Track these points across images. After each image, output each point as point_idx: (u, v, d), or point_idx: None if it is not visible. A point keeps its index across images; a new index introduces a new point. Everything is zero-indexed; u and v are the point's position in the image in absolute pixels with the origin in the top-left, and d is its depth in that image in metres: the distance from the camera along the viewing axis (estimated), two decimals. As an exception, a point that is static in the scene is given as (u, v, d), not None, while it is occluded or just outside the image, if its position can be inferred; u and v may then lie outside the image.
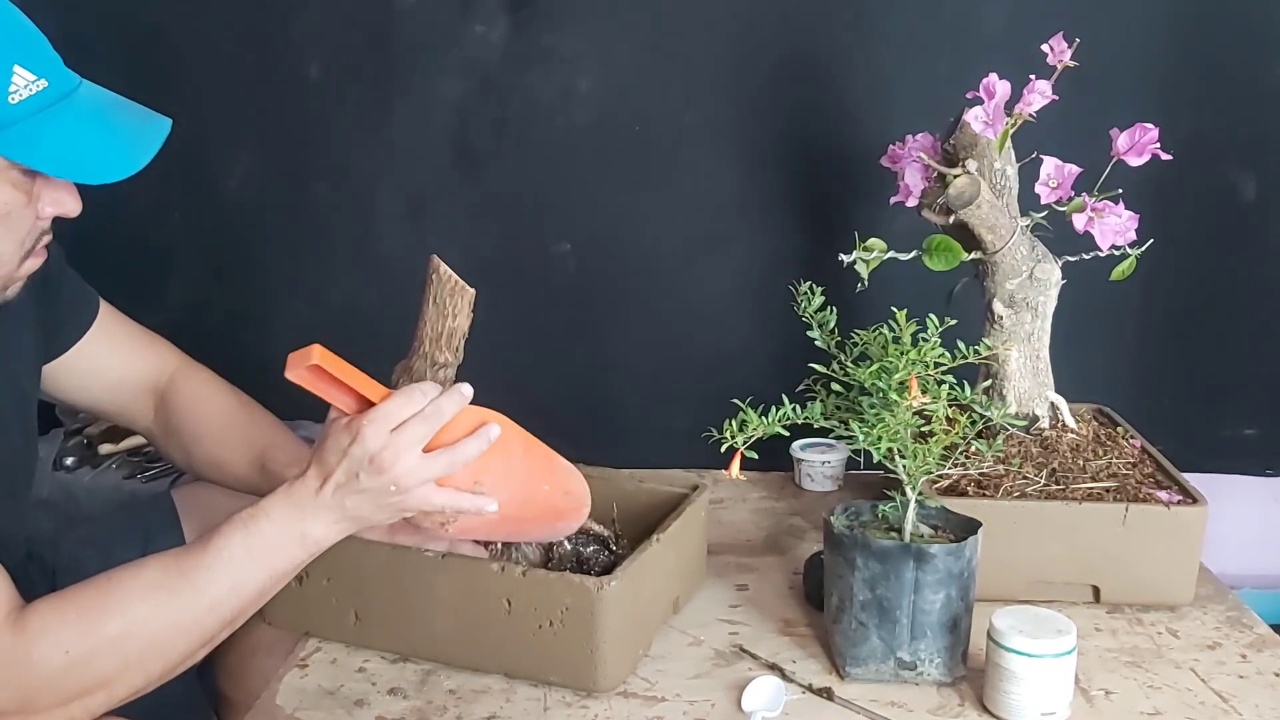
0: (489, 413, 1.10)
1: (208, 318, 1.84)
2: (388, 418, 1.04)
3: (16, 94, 0.97)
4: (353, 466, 1.04)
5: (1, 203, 1.00)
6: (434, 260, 1.14)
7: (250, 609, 1.07)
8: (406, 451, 1.04)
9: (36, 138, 0.98)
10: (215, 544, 1.03)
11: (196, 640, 1.04)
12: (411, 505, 1.07)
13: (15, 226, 1.03)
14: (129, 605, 1.01)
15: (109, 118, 1.05)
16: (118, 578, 1.03)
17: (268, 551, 1.04)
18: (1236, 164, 1.69)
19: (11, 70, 0.97)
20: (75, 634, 0.99)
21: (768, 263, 1.75)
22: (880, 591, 1.12)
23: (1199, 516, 1.26)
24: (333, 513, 1.06)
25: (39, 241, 1.07)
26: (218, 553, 1.03)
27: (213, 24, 1.73)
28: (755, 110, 1.71)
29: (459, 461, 1.06)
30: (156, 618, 1.01)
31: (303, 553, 1.07)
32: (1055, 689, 1.07)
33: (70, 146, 1.00)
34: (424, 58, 1.72)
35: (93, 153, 1.02)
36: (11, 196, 1.01)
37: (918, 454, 1.13)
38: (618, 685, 1.15)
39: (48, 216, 1.06)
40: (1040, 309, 1.38)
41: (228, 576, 1.03)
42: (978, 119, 1.27)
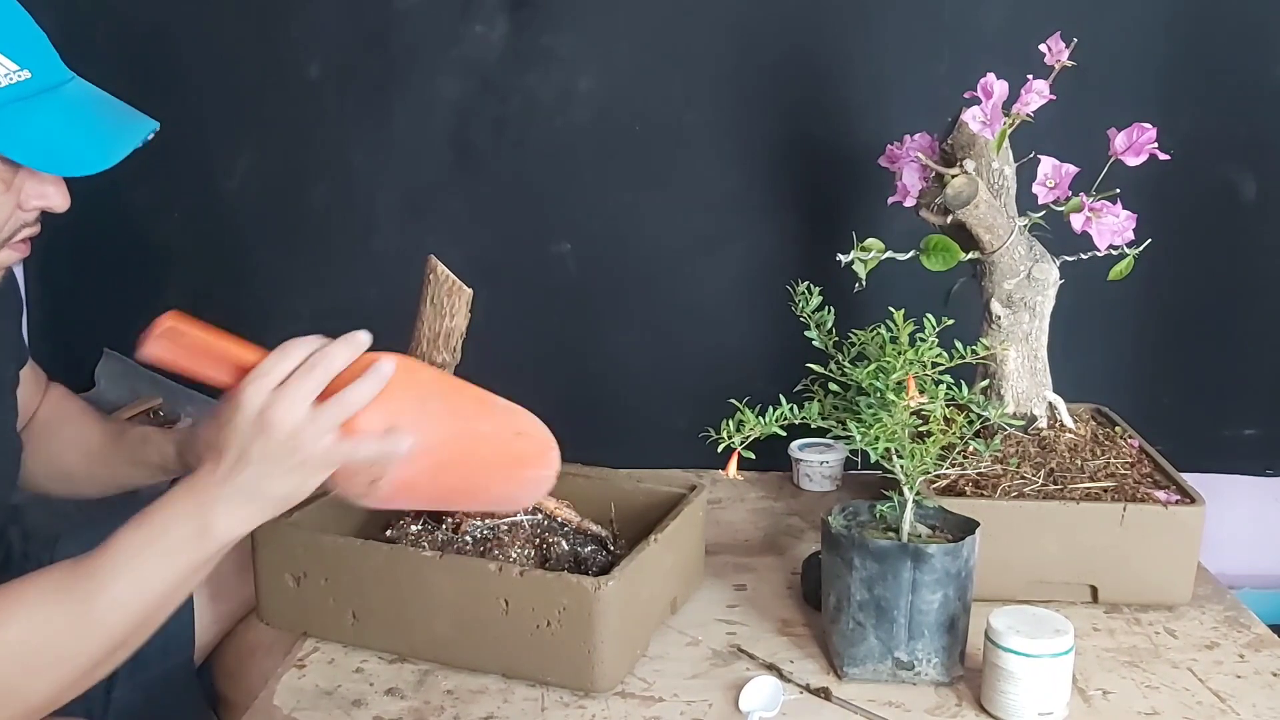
0: (385, 355, 1.01)
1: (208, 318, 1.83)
2: (266, 374, 0.97)
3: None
4: (241, 439, 0.97)
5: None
6: (432, 260, 1.14)
7: (160, 610, 1.01)
8: (295, 406, 0.96)
9: (12, 126, 0.97)
10: (116, 543, 0.98)
11: (103, 643, 0.98)
12: (316, 463, 0.98)
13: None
14: (28, 609, 0.96)
15: (91, 113, 1.04)
16: (19, 584, 0.98)
17: (168, 548, 0.98)
18: (1235, 164, 1.69)
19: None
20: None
21: (766, 262, 1.75)
22: (878, 591, 1.12)
23: (1197, 516, 1.26)
24: (235, 498, 0.98)
25: (18, 233, 1.06)
26: (117, 552, 0.98)
27: (213, 24, 1.74)
28: (754, 110, 1.71)
29: (352, 403, 0.97)
30: (55, 620, 0.96)
31: (209, 548, 1.00)
32: (1053, 689, 1.07)
33: (46, 137, 0.99)
34: (424, 58, 1.72)
35: (69, 145, 1.00)
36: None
37: (915, 454, 1.13)
38: (615, 685, 1.15)
39: (31, 209, 1.05)
40: (1038, 309, 1.38)
41: (129, 576, 0.97)
42: (975, 119, 1.27)
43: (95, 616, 0.97)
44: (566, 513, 1.26)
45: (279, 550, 1.24)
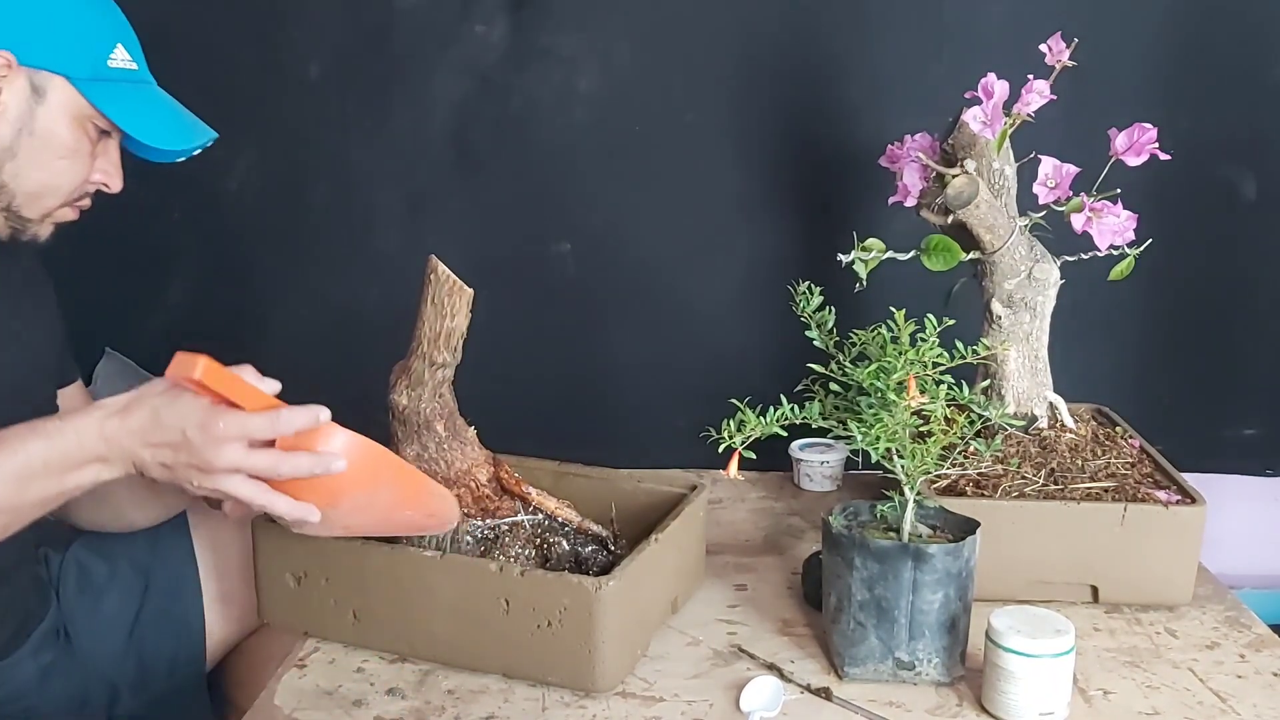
0: (371, 447, 1.05)
1: (208, 318, 1.84)
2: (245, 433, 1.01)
3: (114, 61, 1.19)
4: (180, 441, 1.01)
5: (74, 139, 1.19)
6: (432, 260, 1.14)
7: (12, 526, 1.04)
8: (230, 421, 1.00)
9: (118, 97, 1.19)
10: (12, 442, 1.02)
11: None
12: (208, 485, 1.02)
13: (75, 168, 1.20)
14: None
15: (176, 109, 1.26)
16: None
17: (60, 465, 1.02)
18: (1236, 164, 1.69)
19: (115, 44, 1.20)
20: None
21: (766, 262, 1.75)
22: (878, 591, 1.12)
23: (1197, 516, 1.26)
24: (126, 459, 1.03)
25: (80, 199, 1.24)
26: (14, 451, 1.01)
27: (213, 24, 1.74)
28: (755, 110, 1.72)
29: (283, 467, 1.01)
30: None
31: (83, 480, 1.03)
32: (1053, 689, 1.07)
33: (144, 116, 1.20)
34: (424, 58, 1.72)
35: (159, 127, 1.21)
36: (81, 142, 1.19)
37: (916, 454, 1.13)
38: (616, 685, 1.15)
39: (96, 181, 1.23)
40: (1039, 309, 1.38)
41: (11, 475, 1.01)
42: (976, 119, 1.27)
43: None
44: (567, 513, 1.26)
45: (280, 550, 1.24)
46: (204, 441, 1.00)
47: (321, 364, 1.61)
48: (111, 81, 1.19)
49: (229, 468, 1.01)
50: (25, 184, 1.19)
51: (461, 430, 1.24)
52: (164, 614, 1.42)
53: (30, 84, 1.16)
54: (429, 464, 1.22)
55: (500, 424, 1.31)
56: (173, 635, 1.42)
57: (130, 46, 1.21)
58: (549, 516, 1.26)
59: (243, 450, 1.01)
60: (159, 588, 1.43)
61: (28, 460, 1.01)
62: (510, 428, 1.33)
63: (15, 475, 1.01)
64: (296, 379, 1.09)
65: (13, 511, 1.03)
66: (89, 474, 1.03)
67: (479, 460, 1.25)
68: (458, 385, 1.22)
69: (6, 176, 1.18)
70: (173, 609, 1.43)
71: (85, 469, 1.03)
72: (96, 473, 1.03)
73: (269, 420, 1.01)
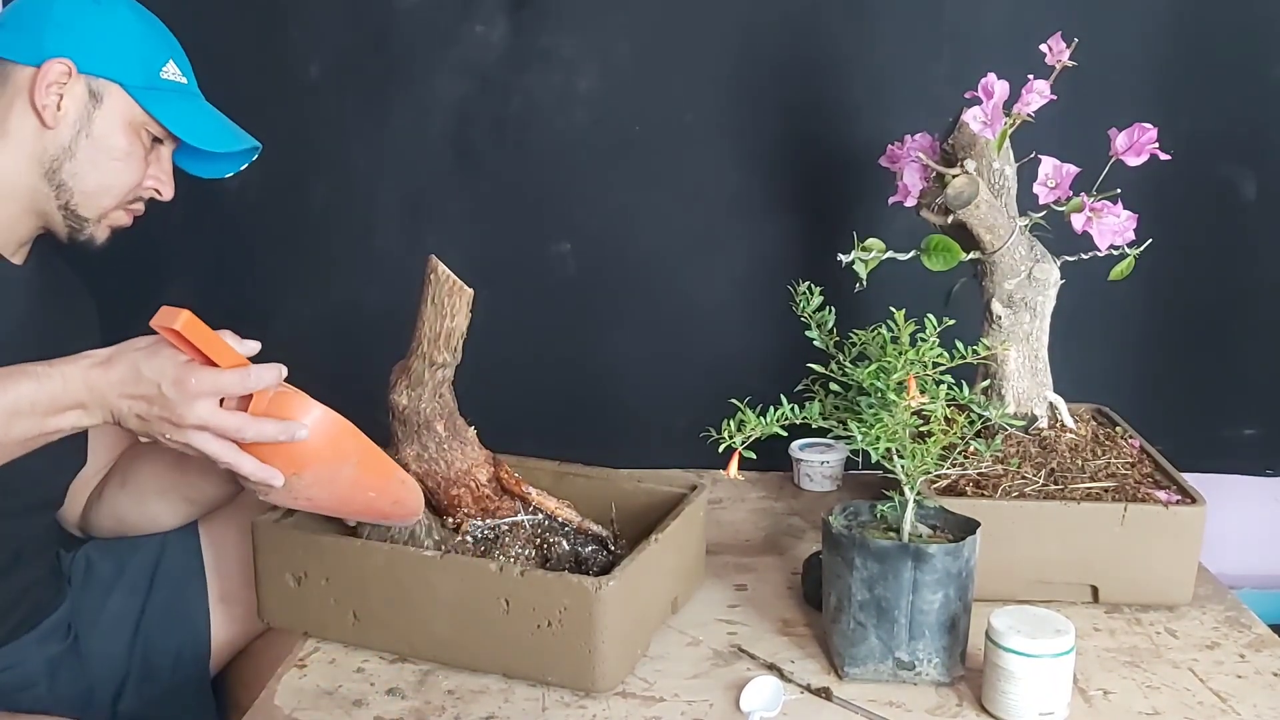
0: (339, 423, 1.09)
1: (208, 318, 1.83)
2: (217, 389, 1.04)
3: (167, 74, 1.29)
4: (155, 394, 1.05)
5: (126, 144, 1.27)
6: (432, 260, 1.14)
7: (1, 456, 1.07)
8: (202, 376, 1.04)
9: (170, 105, 1.28)
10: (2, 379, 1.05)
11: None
12: (179, 439, 1.06)
13: (129, 171, 1.28)
14: None
15: (222, 120, 1.35)
16: None
17: (45, 407, 1.05)
18: (1236, 164, 1.69)
19: (168, 58, 1.30)
20: None
21: (766, 263, 1.75)
22: (879, 591, 1.12)
23: (1198, 516, 1.26)
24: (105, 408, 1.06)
25: (134, 202, 1.32)
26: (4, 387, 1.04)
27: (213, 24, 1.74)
28: (755, 110, 1.72)
29: (248, 430, 1.05)
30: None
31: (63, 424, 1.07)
32: (1053, 689, 1.07)
33: (190, 119, 1.30)
34: (424, 58, 1.72)
35: (205, 128, 1.31)
36: (135, 146, 1.28)
37: (916, 454, 1.13)
38: (616, 685, 1.15)
39: (149, 187, 1.32)
40: (1039, 309, 1.38)
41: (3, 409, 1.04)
42: (976, 119, 1.27)
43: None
44: (567, 513, 1.26)
45: (280, 550, 1.24)
46: (177, 396, 1.04)
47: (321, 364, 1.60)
48: (163, 91, 1.28)
49: (198, 423, 1.05)
50: (83, 183, 1.26)
51: (461, 430, 1.24)
52: (169, 610, 1.43)
53: (89, 90, 1.25)
54: (429, 464, 1.22)
55: (500, 424, 1.31)
56: (177, 631, 1.43)
57: (180, 63, 1.31)
58: (549, 516, 1.26)
59: (213, 408, 1.05)
60: (165, 584, 1.44)
61: (17, 398, 1.04)
62: (510, 428, 1.33)
63: (4, 411, 1.04)
64: (297, 379, 1.10)
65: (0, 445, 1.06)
66: (69, 419, 1.07)
67: (479, 460, 1.25)
68: (458, 385, 1.22)
69: (65, 176, 1.26)
70: (177, 605, 1.44)
71: (66, 414, 1.06)
72: (76, 418, 1.07)
73: (239, 376, 1.05)
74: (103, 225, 1.31)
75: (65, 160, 1.25)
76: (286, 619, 1.26)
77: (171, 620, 1.43)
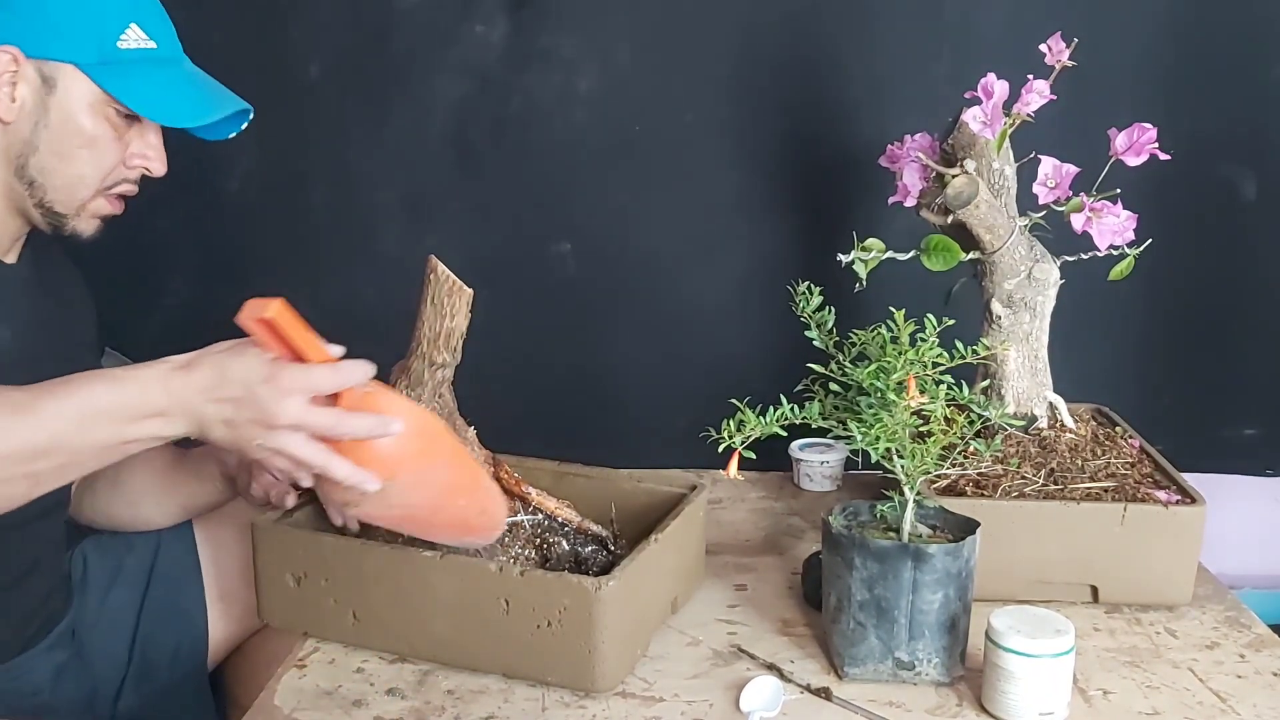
0: (432, 421, 1.07)
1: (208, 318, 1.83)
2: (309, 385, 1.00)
3: (125, 42, 1.17)
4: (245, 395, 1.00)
5: (90, 128, 1.17)
6: (432, 260, 1.14)
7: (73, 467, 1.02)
8: (292, 374, 1.00)
9: (132, 79, 1.17)
10: (78, 382, 1.00)
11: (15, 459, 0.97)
12: (271, 445, 1.00)
13: (100, 157, 1.19)
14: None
15: (199, 85, 1.23)
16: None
17: (122, 413, 0.99)
18: (1236, 164, 1.69)
19: (128, 24, 1.17)
20: None
21: (766, 263, 1.75)
22: (878, 591, 1.12)
23: (1197, 516, 1.26)
24: (189, 416, 1.01)
25: (118, 186, 1.23)
26: (78, 390, 0.99)
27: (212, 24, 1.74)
28: (755, 110, 1.72)
29: (343, 425, 1.00)
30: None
31: (143, 433, 1.01)
32: (1053, 689, 1.07)
33: (160, 96, 1.18)
34: (424, 58, 1.72)
35: (177, 104, 1.19)
36: (101, 129, 1.18)
37: (916, 454, 1.13)
38: (616, 685, 1.15)
39: (135, 166, 1.23)
40: (1038, 309, 1.38)
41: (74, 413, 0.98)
42: (976, 119, 1.27)
43: (27, 436, 0.97)
44: (567, 513, 1.26)
45: (279, 550, 1.24)
46: (269, 395, 0.98)
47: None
48: (123, 64, 1.17)
49: (292, 423, 0.99)
50: (53, 178, 1.19)
51: (461, 430, 1.24)
52: (166, 606, 1.43)
53: (40, 75, 1.15)
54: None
55: (500, 424, 1.31)
56: (175, 628, 1.43)
57: (148, 23, 1.19)
58: (549, 516, 1.26)
59: (305, 405, 0.99)
60: (162, 582, 1.44)
61: (91, 401, 0.98)
62: (510, 428, 1.33)
63: (78, 414, 0.98)
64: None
65: (72, 451, 0.99)
66: (150, 428, 1.00)
67: (479, 460, 1.25)
68: (458, 385, 1.22)
69: (34, 172, 1.18)
70: (175, 602, 1.43)
71: (146, 422, 1.00)
72: (158, 427, 1.00)
73: (332, 371, 1.00)
74: (85, 218, 1.23)
75: (30, 155, 1.17)
76: (286, 619, 1.26)
77: (169, 618, 1.43)
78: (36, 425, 0.97)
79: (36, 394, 0.98)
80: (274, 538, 1.24)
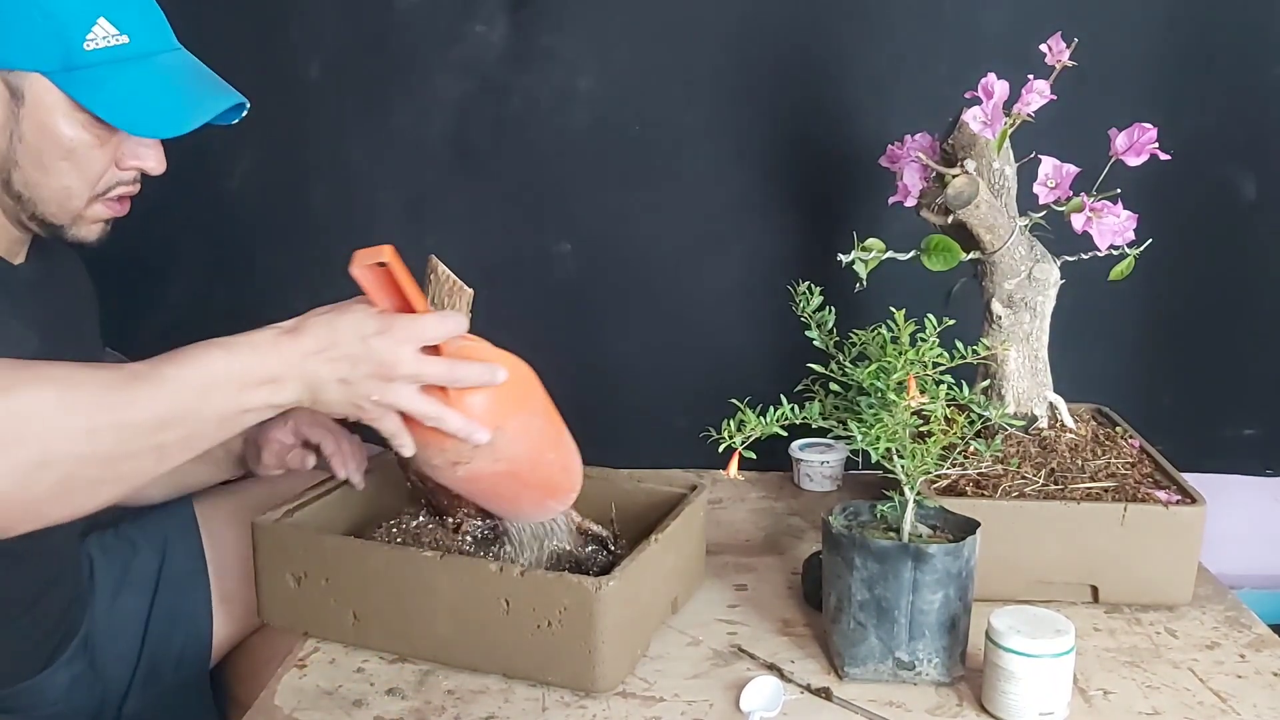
0: (525, 368, 1.09)
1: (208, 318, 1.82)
2: (420, 335, 1.00)
3: (93, 42, 1.07)
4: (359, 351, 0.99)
5: (68, 138, 1.10)
6: (432, 260, 1.14)
7: (197, 439, 0.97)
8: (411, 347, 0.99)
9: (101, 84, 1.08)
10: (194, 351, 0.96)
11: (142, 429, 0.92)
12: (389, 397, 1.00)
13: (83, 166, 1.13)
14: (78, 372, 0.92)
15: (179, 82, 1.13)
16: None
17: (239, 379, 0.96)
18: (1236, 164, 1.69)
19: (95, 20, 1.07)
20: None
21: (767, 263, 1.75)
22: (878, 591, 1.12)
23: (1198, 516, 1.26)
24: (302, 379, 0.98)
25: (112, 190, 1.17)
26: (196, 358, 0.95)
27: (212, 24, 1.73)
28: (755, 110, 1.71)
29: (456, 372, 1.01)
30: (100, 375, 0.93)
31: (256, 401, 0.97)
32: (1053, 689, 1.07)
33: (130, 99, 1.09)
34: (424, 58, 1.72)
35: (150, 108, 1.10)
36: (78, 136, 1.11)
37: (916, 454, 1.13)
38: (616, 685, 1.15)
39: (128, 169, 1.16)
40: (1039, 309, 1.38)
41: (195, 381, 0.94)
42: (976, 119, 1.27)
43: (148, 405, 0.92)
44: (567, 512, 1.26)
45: (279, 550, 1.24)
46: (385, 346, 0.98)
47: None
48: (90, 67, 1.08)
49: (411, 373, 0.99)
50: (39, 191, 1.13)
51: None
52: (174, 610, 1.42)
53: (6, 86, 1.08)
54: (429, 464, 1.22)
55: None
56: (181, 632, 1.42)
57: (118, 15, 1.09)
58: (549, 516, 1.26)
59: (420, 355, 0.99)
60: (170, 586, 1.43)
61: (210, 368, 0.95)
62: (510, 428, 1.33)
63: (198, 382, 0.94)
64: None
65: (196, 421, 0.95)
66: (261, 395, 0.97)
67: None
68: (458, 385, 1.21)
69: (19, 186, 1.13)
70: (182, 606, 1.43)
71: (259, 389, 0.97)
72: (269, 394, 0.97)
73: (439, 319, 1.01)
74: (84, 225, 1.18)
75: (12, 170, 1.11)
76: (286, 619, 1.26)
77: (176, 621, 1.42)
78: (160, 394, 0.92)
79: (155, 364, 0.94)
80: (274, 538, 1.24)
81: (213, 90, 1.15)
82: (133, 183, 1.20)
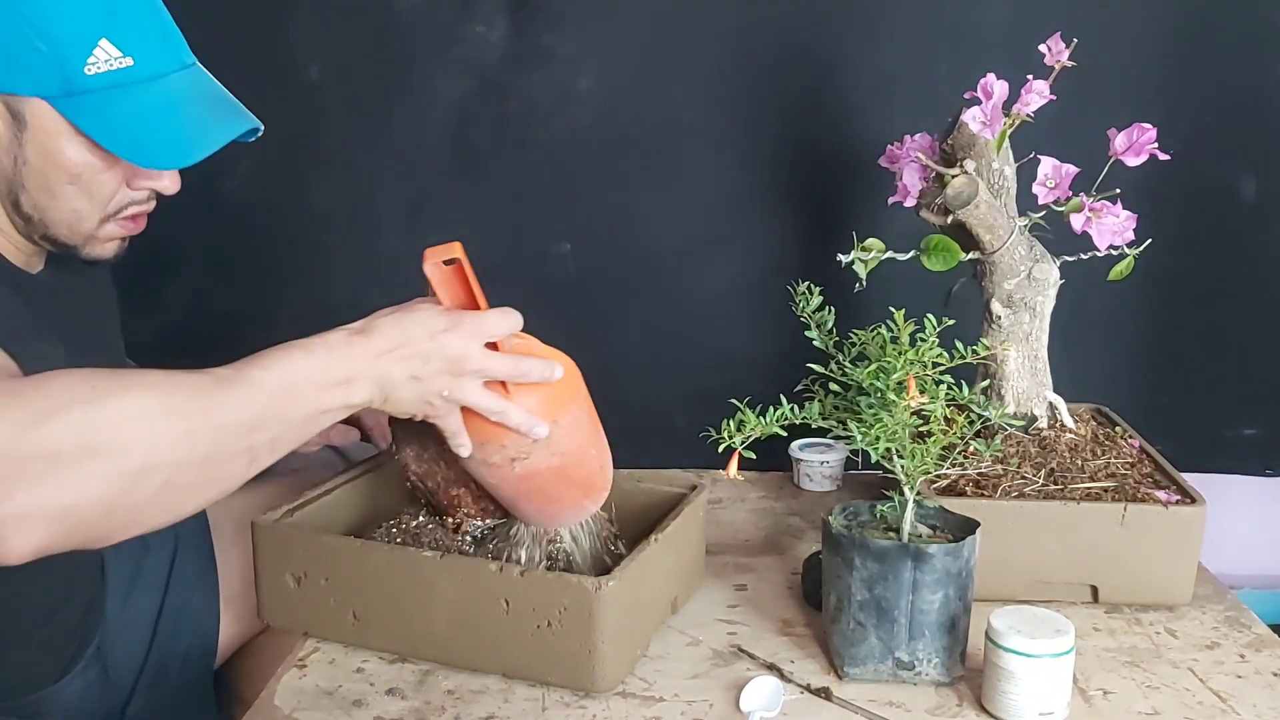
0: (572, 364, 1.13)
1: (208, 318, 1.84)
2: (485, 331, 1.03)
3: (94, 66, 1.03)
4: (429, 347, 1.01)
5: (73, 163, 1.07)
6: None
7: (282, 441, 0.97)
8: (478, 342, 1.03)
9: (104, 111, 1.04)
10: (275, 353, 0.97)
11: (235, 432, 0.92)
12: (458, 392, 1.02)
13: (92, 189, 1.10)
14: (171, 376, 0.91)
15: (186, 107, 1.10)
16: None
17: (318, 380, 0.97)
18: (1236, 164, 1.69)
19: (96, 43, 1.03)
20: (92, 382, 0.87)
21: (767, 263, 1.75)
22: (878, 591, 1.12)
23: (1197, 516, 1.26)
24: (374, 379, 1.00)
25: (125, 210, 1.15)
26: (278, 360, 0.96)
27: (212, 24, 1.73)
28: (755, 110, 1.72)
29: (520, 368, 1.05)
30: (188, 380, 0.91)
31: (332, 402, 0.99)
32: (1053, 689, 1.07)
33: (134, 126, 1.05)
34: (424, 58, 1.72)
35: (153, 136, 1.06)
36: (84, 160, 1.08)
37: (916, 454, 1.13)
38: (616, 685, 1.15)
39: (141, 189, 1.14)
40: (1038, 309, 1.38)
41: (279, 383, 0.95)
42: (975, 119, 1.27)
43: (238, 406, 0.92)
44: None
45: (279, 550, 1.24)
46: (455, 342, 1.00)
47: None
48: (92, 93, 1.04)
49: (479, 368, 1.02)
50: (48, 214, 1.11)
51: None
52: (182, 612, 1.41)
53: (9, 111, 1.05)
54: (429, 464, 1.22)
55: (500, 424, 1.31)
56: (188, 633, 1.42)
57: (122, 36, 1.04)
58: (549, 516, 1.26)
59: (486, 351, 1.02)
60: (179, 586, 1.42)
61: (291, 370, 0.96)
62: (510, 428, 1.33)
63: (282, 384, 0.95)
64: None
65: (282, 423, 0.96)
66: (338, 395, 0.98)
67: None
68: (458, 385, 1.21)
69: (27, 209, 1.11)
70: (190, 607, 1.42)
71: (335, 390, 0.98)
72: (344, 395, 0.98)
73: (502, 316, 1.04)
74: (98, 244, 1.16)
75: (19, 193, 1.09)
76: (286, 619, 1.26)
77: (184, 622, 1.41)
78: (249, 397, 0.93)
79: (239, 368, 0.94)
80: (274, 538, 1.24)
81: (223, 114, 1.12)
82: (146, 200, 1.18)
